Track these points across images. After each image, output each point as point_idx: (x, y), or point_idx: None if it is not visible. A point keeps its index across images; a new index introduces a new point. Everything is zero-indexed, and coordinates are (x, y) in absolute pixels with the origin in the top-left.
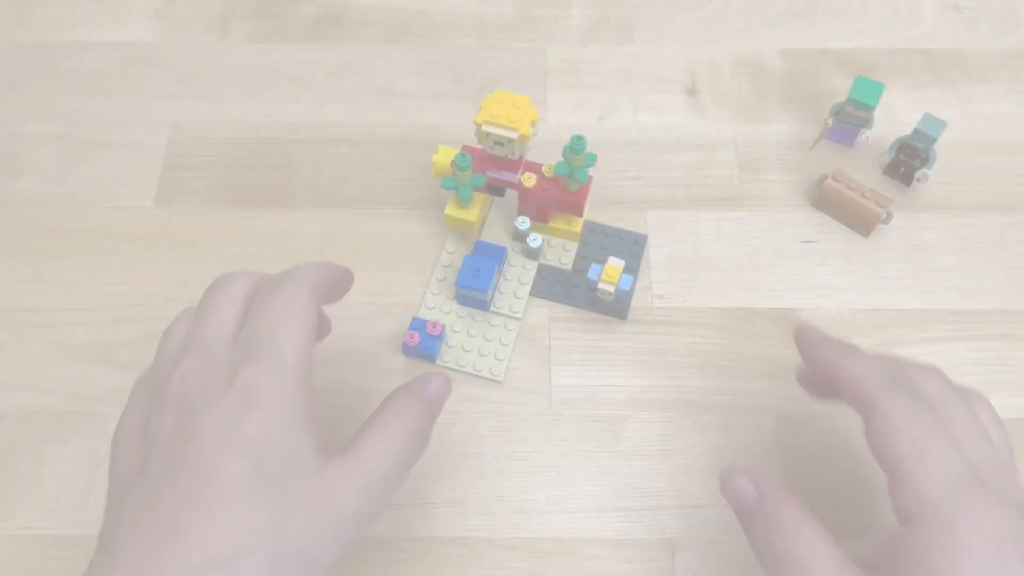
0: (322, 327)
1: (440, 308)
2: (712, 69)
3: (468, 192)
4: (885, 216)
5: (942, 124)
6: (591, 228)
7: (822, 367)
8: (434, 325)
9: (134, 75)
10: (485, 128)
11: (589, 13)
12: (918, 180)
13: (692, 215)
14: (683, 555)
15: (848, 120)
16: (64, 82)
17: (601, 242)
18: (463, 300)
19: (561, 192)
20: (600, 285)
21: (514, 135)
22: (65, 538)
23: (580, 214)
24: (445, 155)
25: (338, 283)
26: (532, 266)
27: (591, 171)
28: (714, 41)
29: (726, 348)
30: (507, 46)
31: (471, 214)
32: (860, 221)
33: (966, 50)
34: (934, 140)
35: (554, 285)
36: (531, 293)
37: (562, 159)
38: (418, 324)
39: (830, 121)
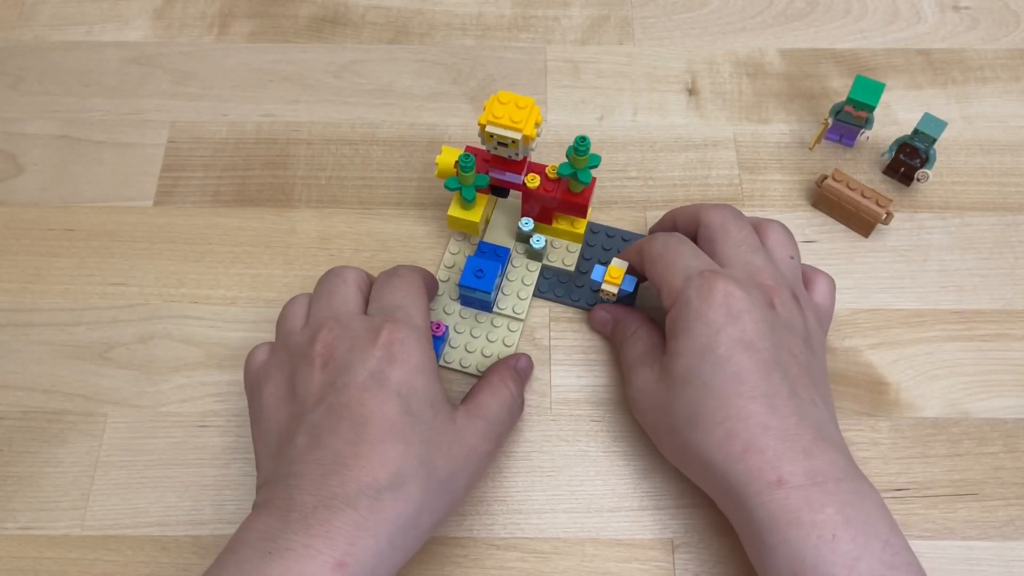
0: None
1: (443, 308)
2: (712, 69)
3: (472, 192)
4: (885, 216)
5: (942, 124)
6: (594, 229)
7: (632, 263)
8: (437, 325)
9: (134, 75)
10: (489, 128)
11: (589, 13)
12: (918, 180)
13: None
14: (683, 555)
15: (848, 120)
16: (64, 82)
17: (604, 243)
18: (466, 301)
19: (565, 193)
20: (603, 286)
21: (517, 135)
22: (64, 538)
23: (584, 215)
24: (449, 156)
25: (432, 284)
26: (535, 267)
27: (593, 172)
28: (714, 41)
29: None
30: (507, 46)
31: (474, 215)
32: (860, 221)
33: (966, 50)
34: (934, 140)
35: (557, 286)
36: (534, 294)
37: (565, 160)
38: None
39: (830, 121)
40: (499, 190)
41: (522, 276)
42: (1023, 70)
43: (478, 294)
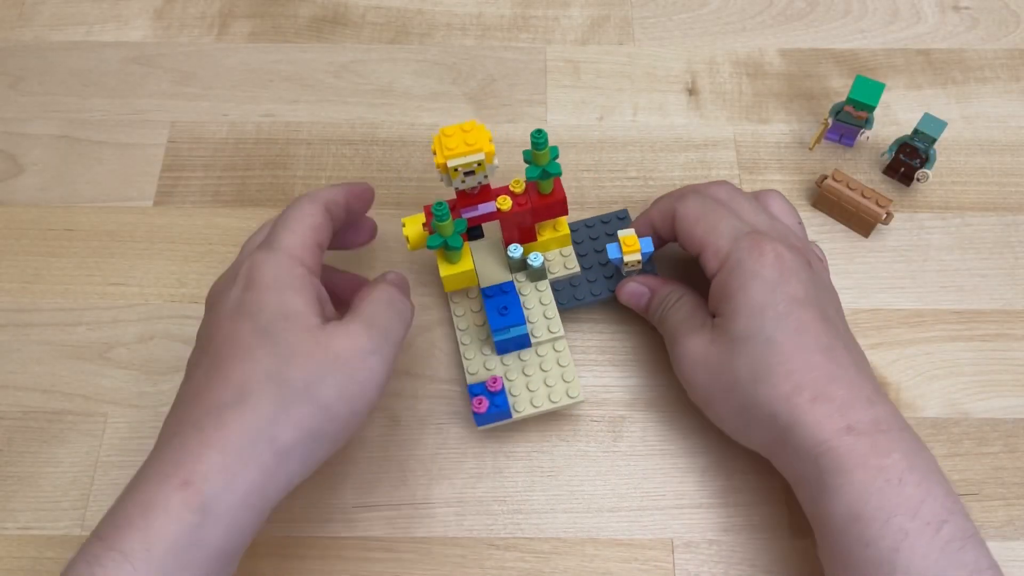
0: (362, 232)
1: (483, 366)
2: (712, 69)
3: (458, 240)
4: (885, 216)
5: (942, 124)
6: (575, 228)
7: (644, 225)
8: (493, 381)
9: (134, 75)
10: (451, 163)
11: (589, 13)
12: (918, 180)
13: None
14: (683, 555)
15: (848, 120)
16: (64, 82)
17: (591, 234)
18: (502, 348)
19: (538, 199)
20: (626, 259)
21: (480, 155)
22: (64, 538)
23: (565, 211)
24: (414, 223)
25: (356, 196)
26: (544, 285)
27: (594, 173)
28: (714, 41)
29: None
30: (507, 46)
31: (466, 262)
32: (860, 221)
33: (966, 50)
34: (934, 140)
35: (571, 291)
36: (560, 308)
37: (526, 164)
38: (477, 389)
39: (830, 121)
40: (473, 231)
41: (538, 298)
42: (1023, 70)
43: (513, 331)
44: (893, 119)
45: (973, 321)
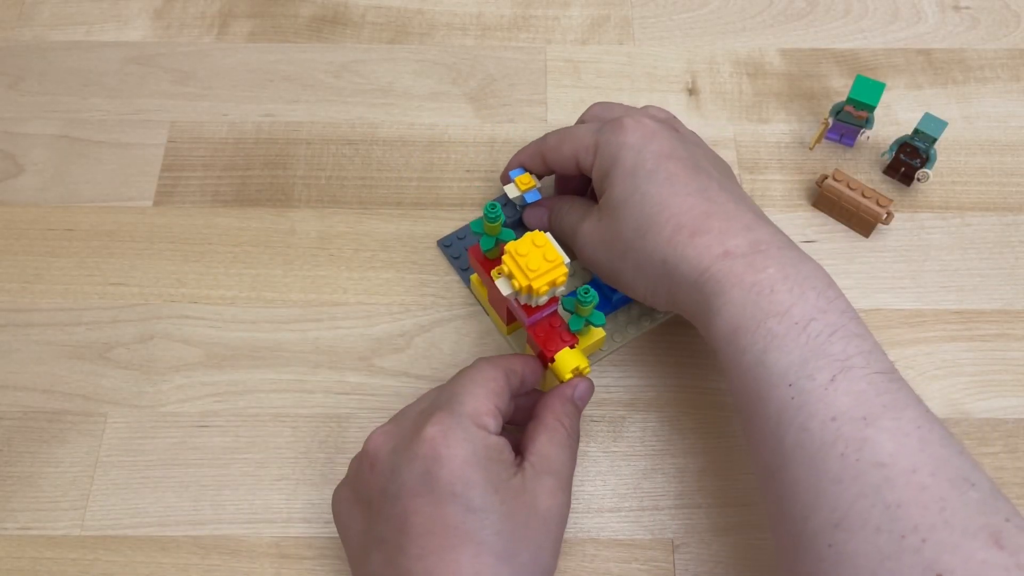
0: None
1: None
2: (712, 69)
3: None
4: (885, 216)
5: (942, 124)
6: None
7: (539, 168)
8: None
9: (134, 75)
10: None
11: (589, 13)
12: (918, 180)
13: None
14: (683, 555)
15: (848, 120)
16: (64, 82)
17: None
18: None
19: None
20: (524, 195)
21: (564, 269)
22: (63, 539)
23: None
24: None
25: (532, 371)
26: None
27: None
28: (714, 41)
29: None
30: (507, 46)
31: (596, 333)
32: (860, 221)
33: (966, 50)
34: (934, 140)
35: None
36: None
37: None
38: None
39: (830, 121)
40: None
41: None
42: (1023, 70)
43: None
44: (893, 119)
45: (973, 321)
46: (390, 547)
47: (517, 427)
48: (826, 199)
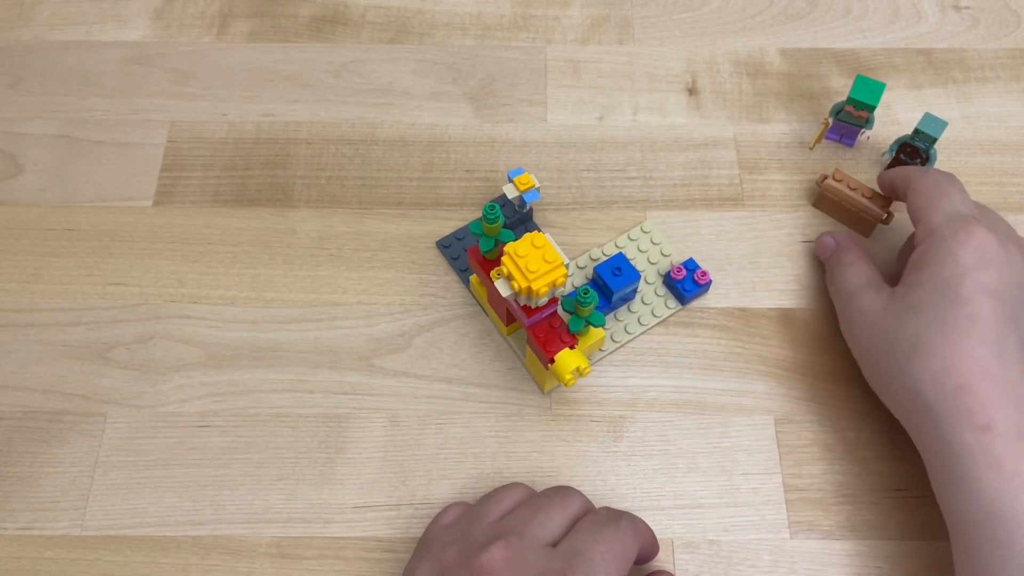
0: None
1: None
2: (712, 69)
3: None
4: (886, 216)
5: (942, 124)
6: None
7: (888, 184)
8: (703, 273)
9: (134, 75)
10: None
11: (589, 13)
12: None
13: (692, 215)
14: (683, 555)
15: (848, 120)
16: (64, 82)
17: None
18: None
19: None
20: (523, 195)
21: (564, 269)
22: (64, 539)
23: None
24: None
25: (653, 548)
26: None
27: (594, 173)
28: (714, 41)
29: (726, 348)
30: (507, 46)
31: (595, 334)
32: (860, 221)
33: (966, 50)
34: (934, 140)
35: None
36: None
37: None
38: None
39: (830, 121)
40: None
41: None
42: (1023, 70)
43: (630, 288)
44: (893, 119)
45: None
46: None
47: None
48: (826, 199)
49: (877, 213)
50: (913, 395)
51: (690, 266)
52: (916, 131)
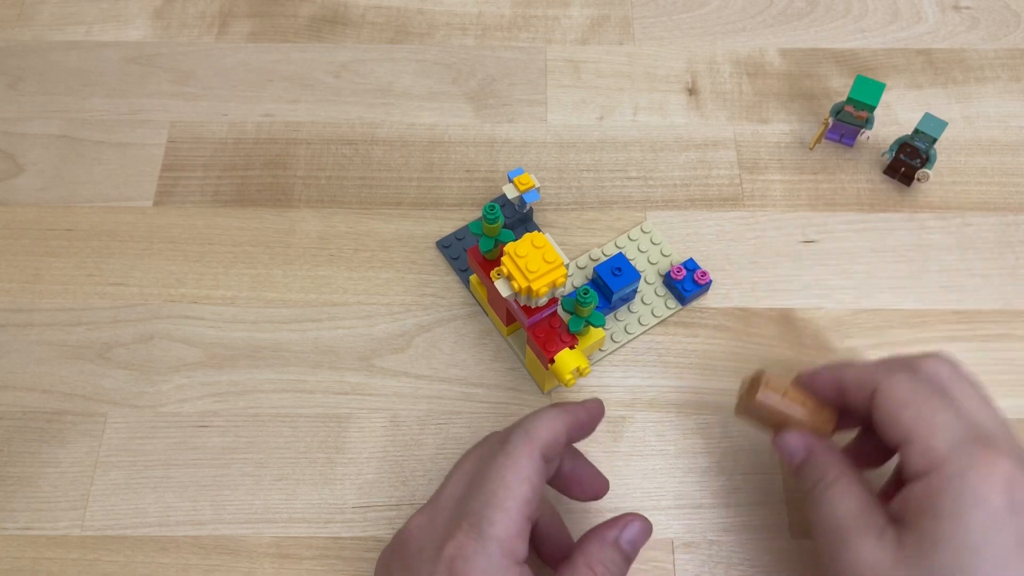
0: (587, 488)
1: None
2: (712, 69)
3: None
4: (833, 432)
5: (942, 124)
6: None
7: (828, 386)
8: (703, 274)
9: (134, 75)
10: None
11: (589, 13)
12: (918, 180)
13: (692, 215)
14: (683, 555)
15: (848, 120)
16: (64, 82)
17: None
18: (615, 305)
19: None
20: (523, 195)
21: (564, 270)
22: (64, 538)
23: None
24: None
25: (579, 427)
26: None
27: (593, 172)
28: (714, 41)
29: (725, 348)
30: (507, 46)
31: (595, 334)
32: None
33: (966, 50)
34: (934, 140)
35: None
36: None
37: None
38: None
39: (830, 121)
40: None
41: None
42: (1023, 70)
43: (630, 288)
44: (893, 119)
45: (974, 321)
46: None
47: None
48: (754, 411)
49: (825, 430)
50: None
51: (690, 266)
52: (916, 131)
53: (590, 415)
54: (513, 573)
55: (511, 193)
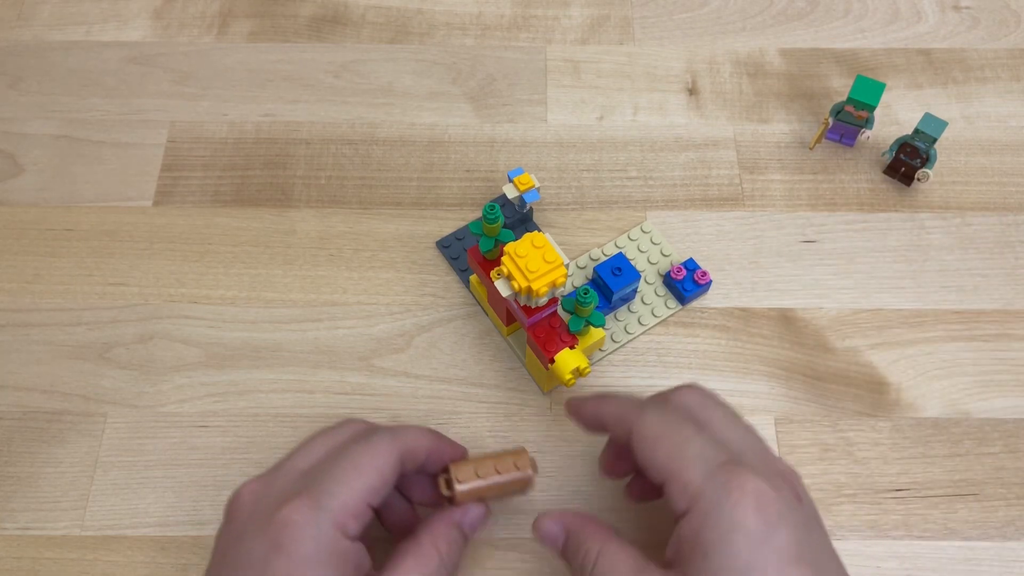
0: (420, 491)
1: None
2: (712, 69)
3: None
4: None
5: (942, 124)
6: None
7: (591, 421)
8: (703, 274)
9: (133, 75)
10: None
11: (589, 13)
12: (918, 180)
13: (692, 215)
14: None
15: (848, 120)
16: (64, 82)
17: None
18: (615, 304)
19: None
20: (523, 195)
21: (564, 270)
22: (64, 538)
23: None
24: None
25: (438, 454)
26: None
27: (593, 172)
28: (714, 41)
29: (725, 348)
30: (507, 46)
31: (596, 334)
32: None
33: (966, 50)
34: (934, 140)
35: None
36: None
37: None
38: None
39: (830, 121)
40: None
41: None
42: (1023, 70)
43: (630, 288)
44: (894, 119)
45: (974, 321)
46: None
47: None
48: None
49: (528, 477)
50: None
51: (690, 266)
52: (916, 131)
53: (455, 450)
54: (341, 546)
55: (511, 193)
